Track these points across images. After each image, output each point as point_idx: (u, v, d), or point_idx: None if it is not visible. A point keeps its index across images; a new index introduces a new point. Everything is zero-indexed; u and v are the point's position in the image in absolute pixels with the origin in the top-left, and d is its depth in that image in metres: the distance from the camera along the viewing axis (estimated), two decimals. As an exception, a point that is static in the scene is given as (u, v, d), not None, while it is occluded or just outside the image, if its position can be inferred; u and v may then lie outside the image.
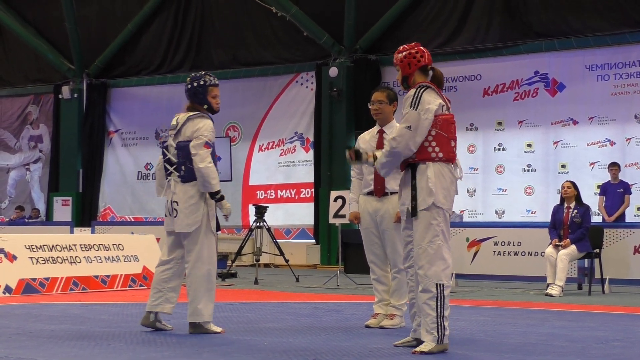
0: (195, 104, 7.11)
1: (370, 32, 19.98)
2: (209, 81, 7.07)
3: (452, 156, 6.03)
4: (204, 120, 6.97)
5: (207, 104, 7.08)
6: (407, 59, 6.19)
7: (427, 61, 6.19)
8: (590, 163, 17.77)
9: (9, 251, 11.12)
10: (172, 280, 7.04)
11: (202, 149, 6.83)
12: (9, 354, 5.63)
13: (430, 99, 5.94)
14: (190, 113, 7.07)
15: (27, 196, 25.09)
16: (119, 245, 12.64)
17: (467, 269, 13.97)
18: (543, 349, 6.23)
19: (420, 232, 5.88)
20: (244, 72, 21.86)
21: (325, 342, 6.46)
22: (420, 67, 6.17)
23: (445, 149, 5.97)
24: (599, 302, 10.81)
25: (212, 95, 7.06)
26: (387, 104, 7.56)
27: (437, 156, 5.93)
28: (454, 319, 8.36)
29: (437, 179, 5.92)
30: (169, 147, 7.06)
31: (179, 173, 6.95)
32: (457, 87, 19.35)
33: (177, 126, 7.05)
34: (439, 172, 5.94)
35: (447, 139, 5.98)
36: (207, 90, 7.06)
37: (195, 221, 6.89)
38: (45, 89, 24.79)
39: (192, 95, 7.10)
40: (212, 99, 7.07)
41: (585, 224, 12.11)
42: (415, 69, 6.16)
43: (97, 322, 7.75)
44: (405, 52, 6.23)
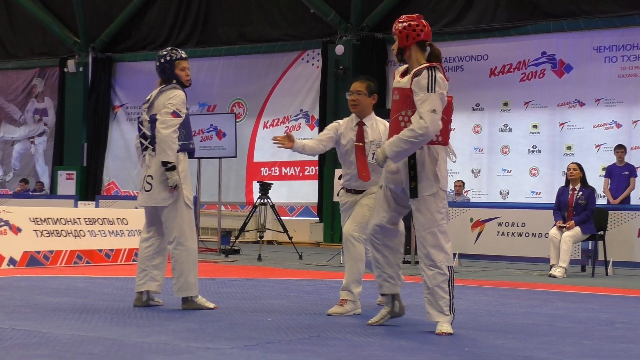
0: (164, 79, 7.09)
1: (377, 10, 19.91)
2: (175, 55, 7.04)
3: (448, 139, 5.99)
4: (175, 91, 6.94)
5: (175, 78, 7.03)
6: (407, 31, 6.03)
7: (426, 36, 6.01)
8: (596, 145, 17.74)
9: (14, 223, 11.13)
10: (155, 257, 7.00)
11: (168, 117, 6.80)
12: (14, 326, 5.64)
13: (442, 81, 5.86)
14: (162, 86, 7.05)
15: (32, 169, 25.12)
16: (123, 219, 12.65)
17: (471, 249, 13.98)
18: (547, 329, 6.23)
19: (429, 216, 5.84)
20: (250, 49, 21.81)
21: (328, 319, 6.47)
22: (418, 42, 6.01)
23: (444, 131, 5.92)
24: (603, 284, 10.82)
25: (180, 69, 7.03)
26: (366, 95, 7.17)
27: (438, 139, 5.88)
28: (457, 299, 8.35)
29: (442, 164, 5.88)
30: (143, 122, 7.02)
31: (152, 147, 6.89)
32: (464, 67, 19.29)
33: (149, 100, 7.02)
34: (442, 156, 5.90)
35: (446, 122, 5.95)
36: (174, 65, 7.03)
37: (171, 195, 6.82)
38: (50, 62, 24.77)
39: (161, 71, 7.10)
40: (181, 71, 7.04)
41: (590, 206, 12.09)
42: (412, 42, 6.00)
43: (101, 296, 7.77)
44: (406, 23, 6.06)
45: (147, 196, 6.89)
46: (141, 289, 6.97)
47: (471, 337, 5.74)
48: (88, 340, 5.17)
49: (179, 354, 4.78)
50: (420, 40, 6.00)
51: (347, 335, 5.66)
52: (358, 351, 5.06)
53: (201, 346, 5.05)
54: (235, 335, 5.49)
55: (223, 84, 22.34)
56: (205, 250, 15.69)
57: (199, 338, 5.37)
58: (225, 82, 22.32)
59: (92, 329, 5.64)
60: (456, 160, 6.14)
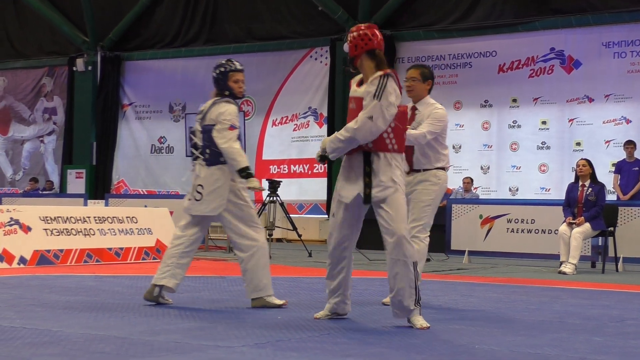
0: (218, 90, 7.20)
1: (385, 8, 19.87)
2: (229, 67, 7.18)
3: (403, 148, 6.10)
4: (227, 105, 7.05)
5: (228, 90, 7.15)
6: (355, 41, 6.11)
7: (375, 45, 6.09)
8: (605, 141, 17.68)
9: (24, 223, 11.16)
10: (182, 257, 7.06)
11: (226, 132, 6.91)
12: (24, 324, 5.65)
13: (393, 90, 5.93)
14: (215, 98, 7.17)
15: (41, 168, 25.17)
16: (133, 218, 12.67)
17: (480, 246, 13.95)
18: (557, 326, 6.21)
19: (392, 214, 5.89)
20: (258, 47, 21.80)
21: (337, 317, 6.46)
22: (367, 51, 6.09)
23: (399, 140, 6.02)
24: (613, 281, 10.79)
25: (233, 81, 7.15)
26: (421, 81, 7.55)
27: (393, 147, 5.97)
28: (466, 295, 8.37)
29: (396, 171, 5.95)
30: (195, 132, 7.19)
31: (203, 156, 7.06)
32: (472, 64, 19.25)
33: (203, 111, 7.16)
34: (397, 163, 5.98)
35: (401, 130, 6.05)
36: (227, 77, 7.15)
37: (220, 205, 6.94)
38: (59, 61, 24.79)
39: (215, 82, 7.22)
40: (234, 83, 7.15)
41: (600, 202, 12.07)
42: (361, 52, 6.09)
43: (111, 294, 7.78)
44: (355, 33, 6.15)
45: (197, 205, 7.02)
46: (159, 282, 6.98)
47: (482, 334, 5.73)
48: (99, 338, 5.17)
49: (189, 352, 4.78)
50: (369, 49, 6.08)
51: (357, 333, 5.66)
52: (368, 349, 5.06)
53: (212, 344, 5.05)
54: (246, 333, 5.49)
55: (231, 82, 22.31)
56: (215, 248, 15.71)
57: (209, 336, 5.37)
58: (233, 80, 22.28)
59: (102, 327, 5.65)
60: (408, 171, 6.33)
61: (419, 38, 19.76)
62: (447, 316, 6.67)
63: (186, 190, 22.08)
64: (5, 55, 25.64)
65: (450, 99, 19.07)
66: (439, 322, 6.29)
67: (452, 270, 12.11)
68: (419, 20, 19.70)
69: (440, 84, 19.53)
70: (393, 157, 5.96)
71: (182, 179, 21.94)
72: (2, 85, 26.00)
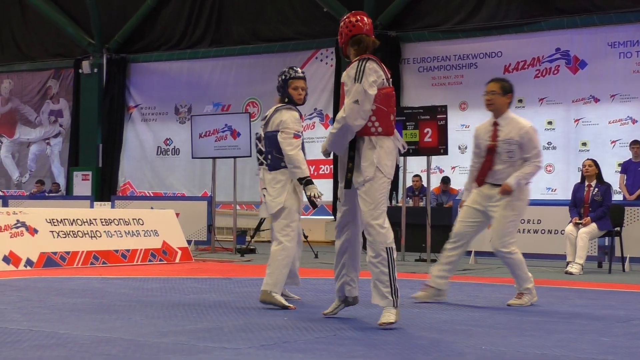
0: (280, 97, 7.47)
1: (390, 8, 19.87)
2: (289, 74, 7.40)
3: (391, 130, 6.04)
4: (289, 112, 7.25)
5: (288, 97, 7.37)
6: (340, 29, 6.26)
7: (357, 30, 6.17)
8: (611, 141, 17.66)
9: (30, 225, 11.17)
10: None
11: (291, 139, 7.12)
12: (31, 327, 5.66)
13: (372, 71, 5.95)
14: (278, 105, 7.42)
15: (48, 170, 25.20)
16: (139, 220, 12.67)
17: (487, 247, 13.80)
18: (564, 327, 6.20)
19: (368, 200, 5.91)
20: (264, 48, 21.81)
21: (345, 318, 6.46)
22: (351, 37, 6.18)
23: (384, 123, 5.99)
24: (620, 281, 10.76)
25: (292, 88, 7.35)
26: (501, 94, 7.53)
27: (377, 130, 5.97)
28: (473, 296, 8.36)
29: (382, 153, 5.94)
30: (261, 138, 7.54)
31: (266, 162, 7.35)
32: (477, 64, 19.24)
33: (266, 117, 7.41)
34: (385, 145, 5.97)
35: (386, 113, 6.01)
36: (287, 84, 7.37)
37: (279, 202, 7.18)
38: (65, 64, 24.82)
39: (277, 89, 7.50)
40: (293, 90, 7.35)
41: (606, 202, 12.04)
42: (346, 39, 6.19)
43: (118, 296, 7.78)
44: (342, 23, 6.28)
45: (265, 208, 7.43)
46: None
47: (488, 335, 5.72)
48: (105, 341, 5.17)
49: (196, 354, 4.78)
50: (353, 36, 6.18)
51: (364, 334, 5.65)
52: (375, 350, 5.05)
53: (218, 346, 5.05)
54: (252, 335, 5.49)
55: (237, 84, 22.35)
56: (221, 249, 15.71)
57: (216, 338, 5.37)
58: (239, 82, 22.32)
59: (109, 329, 5.65)
60: (406, 149, 6.32)
61: (424, 39, 19.75)
62: (454, 317, 6.66)
63: (192, 192, 22.22)
64: (11, 57, 25.69)
65: (455, 100, 19.05)
66: (446, 323, 6.28)
67: (459, 270, 12.08)
68: (424, 21, 19.69)
69: (446, 84, 19.54)
70: (378, 139, 5.97)
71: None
72: (8, 88, 26.04)
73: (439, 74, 19.72)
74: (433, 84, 19.68)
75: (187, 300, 7.44)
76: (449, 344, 5.31)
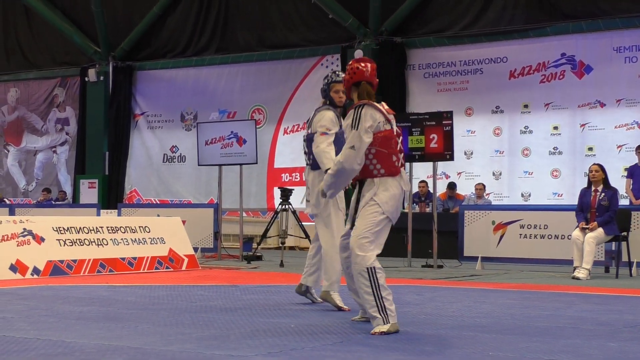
0: (324, 100, 7.85)
1: (396, 14, 19.88)
2: (331, 78, 7.80)
3: (395, 170, 6.22)
4: (324, 112, 7.62)
5: (330, 99, 7.75)
6: (345, 75, 6.51)
7: (360, 77, 6.39)
8: (617, 146, 17.64)
9: (37, 233, 11.18)
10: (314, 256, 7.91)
11: (318, 138, 7.47)
12: (38, 335, 5.66)
13: (367, 117, 6.13)
14: (319, 106, 7.82)
15: (54, 178, 25.24)
16: (145, 227, 12.68)
17: (493, 252, 13.91)
18: (571, 332, 6.19)
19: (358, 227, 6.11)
20: (270, 55, 21.83)
21: (352, 323, 6.46)
22: (353, 83, 6.42)
23: (386, 164, 6.18)
24: (627, 286, 10.74)
25: (334, 91, 7.72)
26: None
27: (379, 172, 6.17)
28: (480, 302, 8.34)
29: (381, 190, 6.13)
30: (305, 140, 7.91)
31: (309, 161, 7.77)
32: (483, 70, 19.23)
33: (309, 119, 7.85)
34: (383, 184, 6.15)
35: (387, 155, 6.19)
36: (330, 87, 7.76)
37: (320, 203, 7.51)
38: (71, 72, 24.88)
39: (321, 92, 7.89)
40: (334, 94, 7.71)
41: (613, 207, 12.02)
42: (348, 85, 6.46)
43: (125, 304, 7.78)
44: (348, 67, 6.52)
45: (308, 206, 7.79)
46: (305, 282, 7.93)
47: (495, 341, 5.71)
48: (112, 349, 5.17)
49: (202, 362, 4.77)
50: (354, 83, 6.43)
51: (371, 340, 5.64)
52: (381, 356, 5.04)
53: (224, 354, 5.04)
54: (259, 342, 5.49)
55: (243, 91, 22.37)
56: (227, 256, 15.71)
57: (222, 345, 5.36)
58: (245, 89, 22.34)
59: (115, 338, 5.65)
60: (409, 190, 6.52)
61: (429, 45, 19.75)
62: (461, 323, 6.65)
63: (198, 199, 22.24)
64: (17, 66, 25.76)
65: (461, 105, 19.05)
66: (452, 328, 6.27)
67: (465, 276, 12.08)
68: (429, 26, 19.68)
69: (451, 90, 19.53)
70: (381, 181, 6.17)
71: None
72: (14, 96, 26.11)
73: (444, 79, 19.71)
74: (439, 89, 19.68)
75: (193, 307, 7.44)
76: (455, 351, 5.30)
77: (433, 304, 8.10)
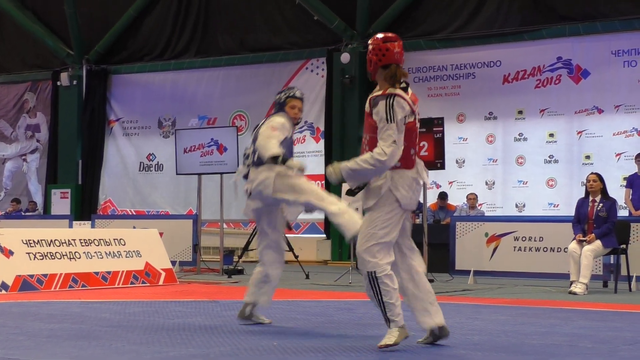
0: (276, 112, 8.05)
1: (385, 16, 19.93)
2: (288, 94, 8.04)
3: (411, 163, 6.19)
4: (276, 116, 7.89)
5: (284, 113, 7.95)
6: (370, 55, 6.38)
7: (388, 60, 6.28)
8: (616, 154, 17.72)
9: (5, 246, 11.13)
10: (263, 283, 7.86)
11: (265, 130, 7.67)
12: (6, 355, 5.63)
13: (399, 109, 6.06)
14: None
15: (24, 188, 25.15)
16: (120, 240, 12.64)
17: (486, 266, 13.93)
18: (568, 350, 6.20)
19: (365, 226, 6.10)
20: (252, 58, 21.85)
21: (337, 342, 6.45)
22: (382, 66, 6.30)
23: (404, 157, 6.12)
24: (626, 301, 10.77)
25: (290, 106, 7.97)
26: None
27: (395, 165, 6.10)
28: (472, 318, 8.35)
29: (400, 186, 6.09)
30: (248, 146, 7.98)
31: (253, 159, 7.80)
32: (476, 74, 19.30)
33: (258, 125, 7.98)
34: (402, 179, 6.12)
35: (407, 148, 6.14)
36: (286, 102, 7.99)
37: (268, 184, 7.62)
38: (42, 76, 24.82)
39: (276, 105, 8.13)
40: (291, 109, 7.96)
41: (611, 218, 12.05)
42: (377, 68, 6.32)
43: (98, 321, 7.75)
44: (371, 46, 6.40)
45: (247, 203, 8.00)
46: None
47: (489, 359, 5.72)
48: (84, 368, 5.15)
49: (180, 382, 4.76)
50: (384, 65, 6.30)
51: (355, 357, 5.64)
52: (369, 376, 5.04)
53: (203, 373, 5.03)
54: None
55: (223, 96, 22.37)
56: (207, 270, 15.68)
57: (201, 365, 5.35)
58: (225, 94, 22.34)
59: (88, 356, 5.63)
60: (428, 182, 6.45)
61: (420, 48, 19.80)
62: (452, 340, 6.65)
63: (177, 210, 22.18)
64: (-16, 70, 25.69)
65: (453, 111, 19.11)
66: (444, 346, 6.27)
67: (457, 291, 12.09)
68: (419, 29, 19.74)
69: (442, 95, 19.59)
70: (394, 173, 6.08)
71: None
72: (-18, 102, 26.03)
73: (435, 84, 19.77)
74: (429, 94, 19.72)
75: (171, 324, 7.42)
76: (446, 370, 5.31)
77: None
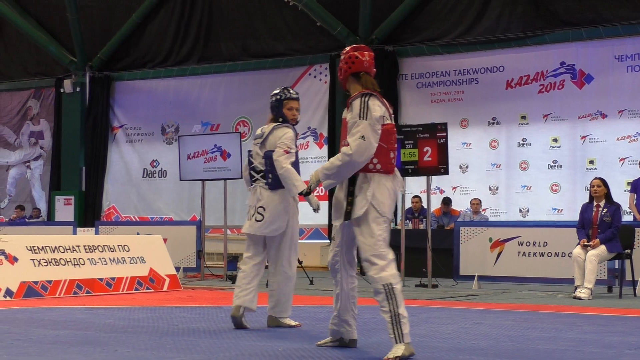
0: (274, 116, 8.03)
1: (388, 22, 19.92)
2: (284, 95, 7.99)
3: (391, 167, 6.17)
4: (284, 130, 7.83)
5: (282, 117, 7.95)
6: (341, 64, 6.39)
7: (358, 68, 6.29)
8: (620, 159, 17.69)
9: (10, 253, 11.14)
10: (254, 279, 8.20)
11: (281, 156, 7.64)
12: (11, 361, 5.64)
13: (376, 107, 6.07)
14: (275, 124, 7.96)
15: (28, 195, 25.15)
16: (124, 246, 12.65)
17: (491, 271, 13.93)
18: (573, 355, 6.19)
19: (367, 234, 6.03)
20: (255, 65, 21.85)
21: (340, 348, 6.44)
22: (352, 74, 6.31)
23: (383, 160, 6.11)
24: (631, 306, 10.76)
25: (287, 108, 7.95)
26: None
27: (375, 168, 6.08)
28: (476, 323, 8.34)
29: (379, 190, 6.05)
30: (254, 155, 8.02)
31: (266, 181, 7.86)
32: (479, 79, 19.28)
33: (262, 135, 7.96)
34: (378, 182, 6.07)
35: (386, 150, 6.13)
36: (282, 104, 7.95)
37: (281, 226, 7.86)
38: (46, 83, 24.82)
39: (271, 109, 8.05)
40: (288, 111, 7.95)
41: (616, 223, 12.04)
42: (346, 75, 6.33)
43: (102, 327, 7.76)
44: (343, 56, 6.42)
45: (258, 226, 7.92)
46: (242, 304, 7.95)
47: (493, 365, 5.71)
48: (89, 374, 5.15)
49: (185, 388, 4.76)
50: (353, 72, 6.31)
51: (362, 365, 5.64)
52: (374, 381, 5.04)
53: (209, 379, 5.03)
54: (245, 367, 5.48)
55: (227, 102, 22.38)
56: (211, 276, 15.68)
57: (206, 370, 5.35)
58: (229, 100, 22.35)
59: (93, 362, 5.63)
60: (404, 192, 6.46)
61: (422, 53, 19.80)
62: (456, 345, 6.65)
63: (180, 216, 22.18)
64: (-13, 77, 25.70)
65: (456, 117, 19.10)
66: (448, 351, 6.27)
67: (461, 296, 12.08)
68: (422, 34, 19.73)
69: (445, 101, 19.58)
70: (373, 176, 6.07)
71: None
72: (-15, 109, 26.05)
73: (438, 90, 19.77)
74: (432, 100, 19.72)
75: (175, 330, 7.42)
76: (451, 375, 5.30)
77: (427, 326, 8.10)
